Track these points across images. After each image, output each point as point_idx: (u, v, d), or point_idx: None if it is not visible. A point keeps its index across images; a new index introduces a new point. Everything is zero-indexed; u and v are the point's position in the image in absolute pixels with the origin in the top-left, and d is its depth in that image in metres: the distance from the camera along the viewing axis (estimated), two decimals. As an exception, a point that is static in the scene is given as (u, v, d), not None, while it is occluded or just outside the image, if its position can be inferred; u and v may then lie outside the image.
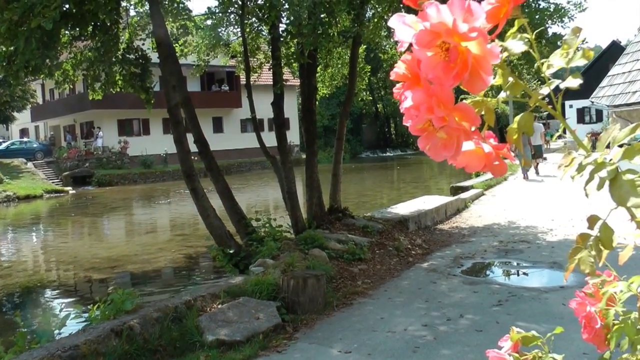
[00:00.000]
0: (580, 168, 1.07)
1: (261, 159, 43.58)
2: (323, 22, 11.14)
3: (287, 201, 12.80)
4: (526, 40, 1.00)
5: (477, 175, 23.03)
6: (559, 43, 15.25)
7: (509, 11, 1.02)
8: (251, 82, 13.79)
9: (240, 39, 14.73)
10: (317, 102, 14.43)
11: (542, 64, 1.08)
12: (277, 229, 11.91)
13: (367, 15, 15.95)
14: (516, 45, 1.00)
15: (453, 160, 1.02)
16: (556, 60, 1.04)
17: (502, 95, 1.05)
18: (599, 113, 44.49)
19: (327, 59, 16.30)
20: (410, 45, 1.01)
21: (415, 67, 1.02)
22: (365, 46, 18.79)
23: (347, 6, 12.18)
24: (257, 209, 14.63)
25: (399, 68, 1.05)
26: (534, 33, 1.05)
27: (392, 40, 18.11)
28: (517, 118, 1.07)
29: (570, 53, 1.05)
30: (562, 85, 1.07)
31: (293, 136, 54.72)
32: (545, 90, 1.10)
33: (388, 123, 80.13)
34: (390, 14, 15.53)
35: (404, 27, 1.03)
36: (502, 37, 1.02)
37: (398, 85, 1.08)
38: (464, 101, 1.02)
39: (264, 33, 15.55)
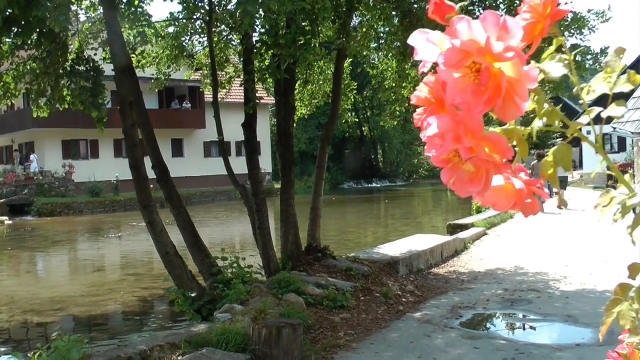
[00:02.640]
0: (625, 210, 1.08)
1: (227, 188, 43.50)
2: (305, 32, 11.20)
3: (259, 238, 12.76)
4: (566, 62, 1.02)
5: (479, 212, 23.17)
6: (578, 58, 15.45)
7: (545, 28, 1.04)
8: (219, 100, 13.78)
9: (207, 49, 14.79)
10: (294, 124, 14.46)
11: (582, 89, 1.10)
12: (246, 269, 11.86)
13: (353, 25, 16.10)
14: (555, 68, 1.01)
15: (481, 196, 1.03)
16: (598, 86, 1.06)
17: (538, 124, 1.06)
18: (622, 141, 43.41)
19: (307, 74, 16.38)
20: (435, 66, 1.02)
21: (440, 90, 1.03)
22: (351, 60, 18.93)
23: (332, 14, 12.28)
24: (224, 246, 14.50)
25: (421, 91, 1.06)
26: (574, 54, 1.07)
27: (381, 53, 18.27)
28: (553, 151, 1.08)
29: (613, 77, 1.07)
30: (605, 114, 1.09)
31: (265, 163, 54.67)
32: (585, 119, 1.12)
33: (375, 149, 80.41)
34: (381, 24, 15.71)
35: (427, 45, 1.04)
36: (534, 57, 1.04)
37: (419, 111, 1.09)
38: (494, 129, 1.03)
39: (234, 43, 15.63)
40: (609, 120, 1.10)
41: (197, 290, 11.31)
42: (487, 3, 13.97)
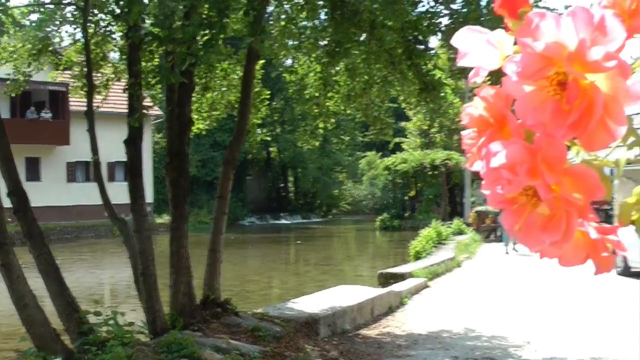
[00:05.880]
0: None
1: (95, 222, 42.94)
2: (210, 24, 11.11)
3: (142, 287, 12.56)
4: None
5: (417, 258, 23.37)
6: None
7: (634, 28, 1.01)
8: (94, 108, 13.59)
9: (80, 43, 14.58)
10: (190, 142, 14.32)
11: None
12: (126, 328, 11.65)
13: (269, 17, 16.10)
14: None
15: (556, 247, 0.99)
16: None
17: (627, 154, 1.03)
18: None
19: (207, 78, 16.30)
20: (495, 75, 0.98)
21: (504, 107, 0.99)
22: (263, 61, 18.87)
23: (247, 3, 12.25)
24: (97, 297, 14.29)
25: (476, 108, 1.02)
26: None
27: (301, 53, 18.21)
28: (639, 190, 1.05)
29: None
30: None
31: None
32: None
33: (285, 176, 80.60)
34: (303, 16, 15.75)
35: (484, 47, 1.01)
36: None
37: (468, 133, 1.05)
38: (578, 162, 0.99)
39: (115, 37, 15.44)
40: None
41: (63, 354, 11.04)
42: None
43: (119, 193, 16.36)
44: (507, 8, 1.01)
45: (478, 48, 1.00)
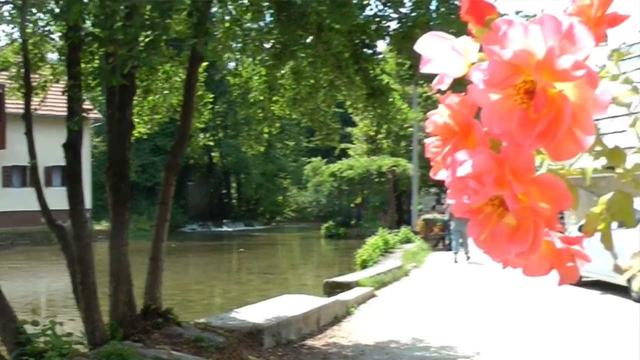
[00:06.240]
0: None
1: (32, 228, 42.42)
2: (153, 25, 11.05)
3: (81, 296, 12.45)
4: (633, 85, 1.01)
5: (364, 267, 23.39)
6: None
7: (599, 37, 1.03)
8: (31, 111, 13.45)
9: (17, 43, 14.42)
10: (131, 146, 14.22)
11: (637, 118, 1.09)
12: (64, 338, 11.54)
13: (213, 17, 16.01)
14: (625, 93, 1.00)
15: (523, 258, 1.00)
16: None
17: (594, 163, 1.04)
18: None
19: (148, 80, 16.19)
20: (457, 83, 0.99)
21: (470, 115, 1.00)
22: (206, 64, 18.73)
23: (190, 3, 12.19)
24: (34, 306, 14.11)
25: (440, 115, 1.03)
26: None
27: (246, 55, 18.12)
28: (605, 199, 1.07)
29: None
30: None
31: (82, 196, 53.64)
32: (637, 157, 1.11)
33: (227, 182, 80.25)
34: (248, 17, 15.70)
35: (448, 54, 1.01)
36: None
37: (432, 141, 1.05)
38: (543, 171, 1.00)
39: (54, 37, 15.29)
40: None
41: (-3, 366, 10.95)
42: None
43: (56, 198, 16.18)
44: (474, 15, 1.02)
45: (442, 54, 1.01)
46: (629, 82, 1.00)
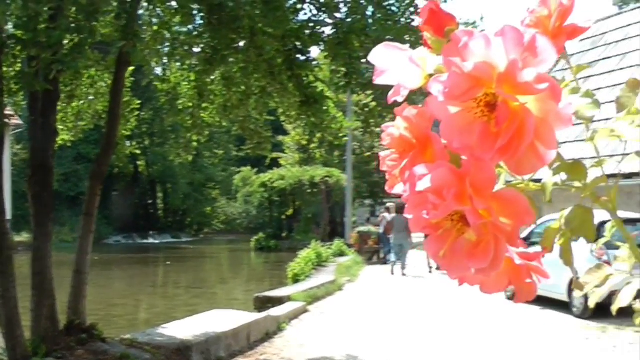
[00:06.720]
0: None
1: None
2: (79, 28, 10.95)
3: (1, 311, 12.27)
4: (594, 98, 1.03)
5: (296, 281, 23.38)
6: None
7: (558, 47, 1.04)
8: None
9: None
10: (54, 154, 14.06)
11: (593, 132, 1.10)
12: (-19, 356, 11.41)
13: (141, 20, 15.91)
14: (586, 107, 1.01)
15: (483, 274, 1.01)
16: (628, 132, 1.07)
17: (554, 178, 1.05)
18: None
19: (72, 85, 16.04)
20: (414, 95, 1.00)
21: (427, 128, 1.01)
22: (133, 68, 18.56)
23: (117, 5, 12.09)
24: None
25: (397, 128, 1.04)
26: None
27: (174, 60, 17.98)
28: (566, 214, 1.08)
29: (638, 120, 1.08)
30: (625, 168, 1.10)
31: None
32: (596, 172, 1.12)
33: (153, 192, 79.77)
34: (177, 20, 15.62)
35: (404, 65, 1.02)
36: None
37: (388, 154, 1.06)
38: (502, 186, 1.01)
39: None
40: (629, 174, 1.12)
41: None
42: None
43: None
44: (433, 26, 1.03)
45: (398, 65, 1.01)
46: (590, 95, 1.02)
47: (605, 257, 14.74)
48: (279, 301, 20.32)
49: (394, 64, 1.02)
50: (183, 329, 15.55)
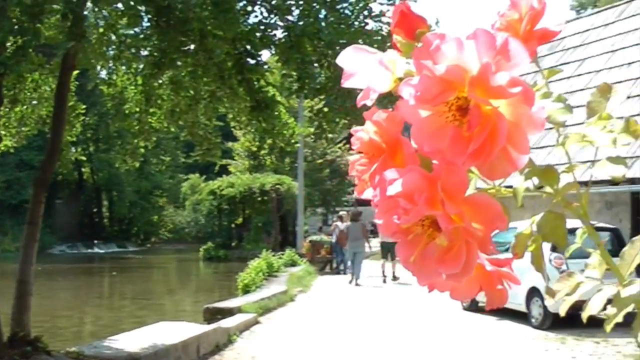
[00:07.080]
0: (620, 304, 1.10)
1: None
2: (23, 30, 10.88)
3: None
4: (566, 103, 1.04)
5: (246, 291, 23.32)
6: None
7: (530, 51, 1.05)
8: None
9: None
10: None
11: (564, 137, 1.12)
12: None
13: (87, 22, 15.80)
14: (558, 111, 1.03)
15: (455, 280, 1.01)
16: (600, 138, 1.08)
17: (526, 183, 1.06)
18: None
19: (15, 89, 15.91)
20: (383, 98, 1.01)
21: (397, 132, 1.02)
22: (77, 72, 18.43)
23: (63, 6, 12.00)
24: None
25: (367, 132, 1.04)
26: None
27: (121, 63, 17.81)
28: (537, 219, 1.09)
29: (615, 126, 1.10)
30: (599, 174, 1.12)
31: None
32: (568, 177, 1.13)
33: (99, 199, 79.25)
34: (126, 20, 15.52)
35: (373, 68, 1.02)
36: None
37: (357, 159, 1.07)
38: (473, 191, 1.02)
39: None
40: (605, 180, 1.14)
41: None
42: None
43: None
44: (404, 28, 1.03)
45: (367, 69, 1.02)
46: (562, 100, 1.03)
47: (564, 266, 14.84)
48: (229, 312, 20.24)
49: (362, 67, 1.02)
50: (131, 341, 15.44)
